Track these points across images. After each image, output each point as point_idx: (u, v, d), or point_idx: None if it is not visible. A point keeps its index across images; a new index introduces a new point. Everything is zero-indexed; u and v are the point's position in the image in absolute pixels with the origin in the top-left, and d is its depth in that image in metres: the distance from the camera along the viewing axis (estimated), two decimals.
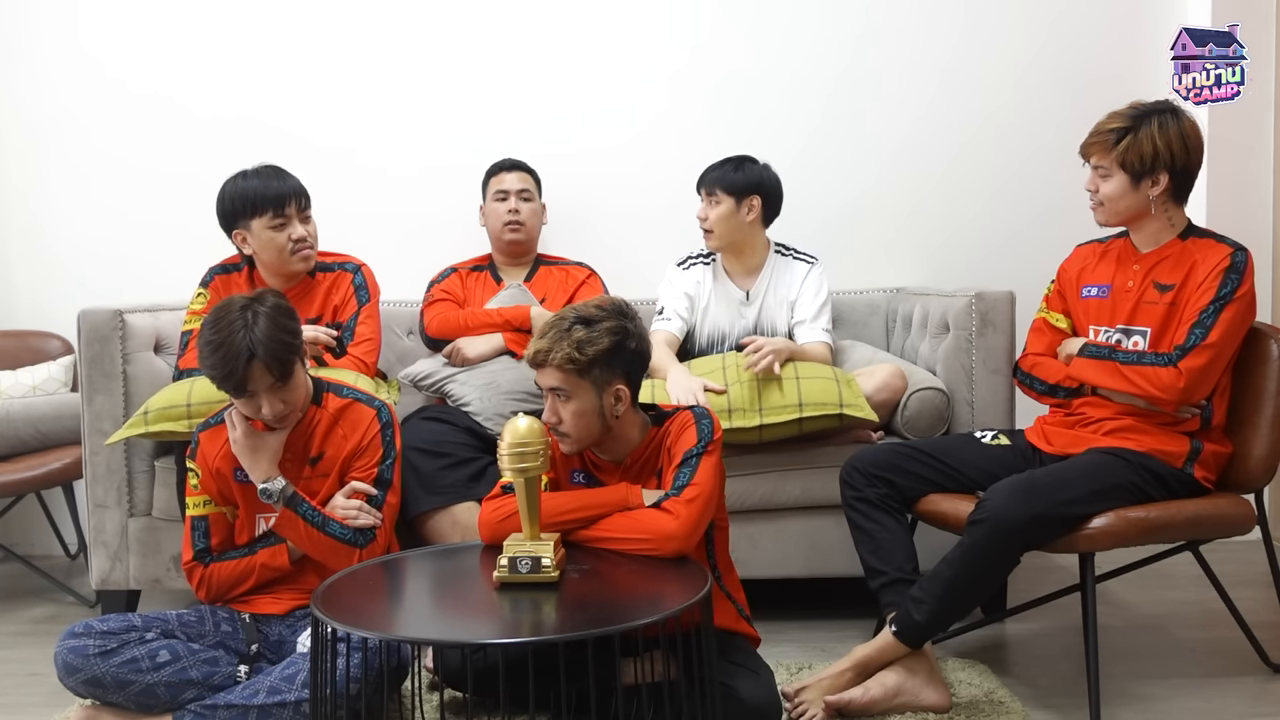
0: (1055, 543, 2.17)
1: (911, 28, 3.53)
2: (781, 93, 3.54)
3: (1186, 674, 2.48)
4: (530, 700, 1.59)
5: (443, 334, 2.99)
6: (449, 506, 2.61)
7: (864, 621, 2.73)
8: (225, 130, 3.50)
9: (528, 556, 1.86)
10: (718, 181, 2.95)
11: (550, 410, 2.05)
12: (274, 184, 2.68)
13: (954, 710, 2.24)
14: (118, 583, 2.82)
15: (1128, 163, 2.29)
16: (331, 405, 2.29)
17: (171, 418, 2.56)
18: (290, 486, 2.18)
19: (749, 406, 2.65)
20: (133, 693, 2.07)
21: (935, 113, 3.54)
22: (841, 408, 2.64)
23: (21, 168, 3.58)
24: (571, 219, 3.45)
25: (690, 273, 3.05)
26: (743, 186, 2.94)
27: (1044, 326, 2.53)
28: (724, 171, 2.97)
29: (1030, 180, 3.54)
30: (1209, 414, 2.31)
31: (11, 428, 3.12)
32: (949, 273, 3.49)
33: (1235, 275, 2.26)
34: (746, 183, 2.95)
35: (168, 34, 3.52)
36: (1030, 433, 2.49)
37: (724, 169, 2.97)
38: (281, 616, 2.26)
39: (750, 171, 2.97)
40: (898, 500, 2.42)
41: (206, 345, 2.10)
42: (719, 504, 2.12)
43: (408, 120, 3.54)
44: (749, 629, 2.22)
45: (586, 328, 2.01)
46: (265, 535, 2.26)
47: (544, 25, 3.53)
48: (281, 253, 2.70)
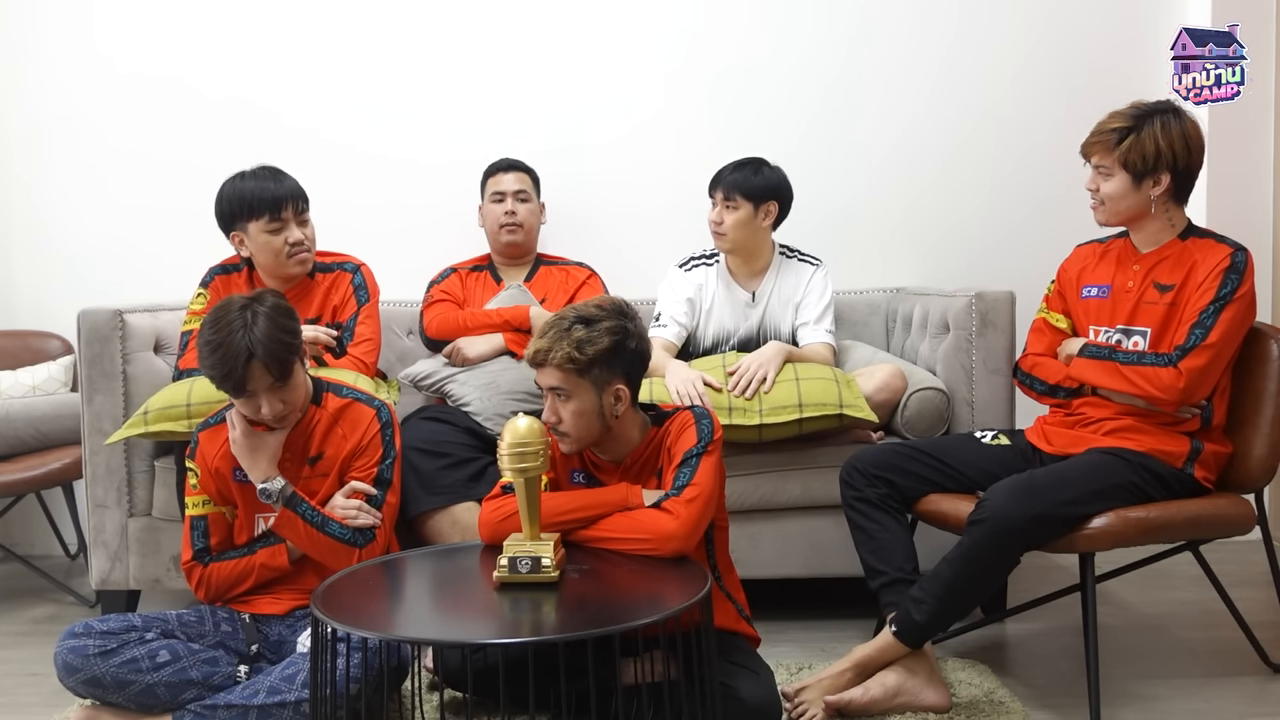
0: (1055, 543, 2.17)
1: (907, 26, 3.53)
2: (778, 89, 3.53)
3: (1186, 674, 2.47)
4: (530, 700, 1.59)
5: (442, 334, 2.99)
6: (449, 506, 2.61)
7: (864, 621, 2.73)
8: (226, 130, 3.50)
9: (528, 556, 1.86)
10: (737, 186, 2.89)
11: (550, 410, 2.05)
12: (270, 187, 2.67)
13: (954, 710, 2.24)
14: (118, 583, 2.82)
15: (1130, 162, 2.29)
16: (331, 405, 2.29)
17: (171, 418, 2.56)
18: (289, 486, 2.17)
19: (749, 406, 2.64)
20: (133, 693, 2.07)
21: (932, 110, 3.54)
22: (841, 408, 2.64)
23: (22, 167, 3.58)
24: (571, 218, 3.45)
25: (692, 275, 3.02)
26: (762, 192, 2.89)
27: (1044, 327, 2.53)
28: (743, 175, 2.90)
29: (1027, 177, 3.54)
30: (1209, 414, 2.31)
31: (11, 428, 3.12)
32: (947, 270, 3.49)
33: (1235, 275, 2.26)
34: (766, 188, 2.90)
35: (172, 31, 3.52)
36: (1030, 433, 2.49)
37: (743, 172, 2.90)
38: (281, 616, 2.26)
39: (769, 176, 2.92)
40: (898, 500, 2.42)
41: (206, 345, 2.10)
42: (719, 504, 2.12)
43: (406, 114, 3.54)
44: (749, 629, 2.22)
45: (586, 327, 2.01)
46: (264, 535, 2.26)
47: (542, 20, 3.53)
48: (278, 256, 2.69)
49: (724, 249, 2.98)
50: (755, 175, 2.90)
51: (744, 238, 2.93)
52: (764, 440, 2.71)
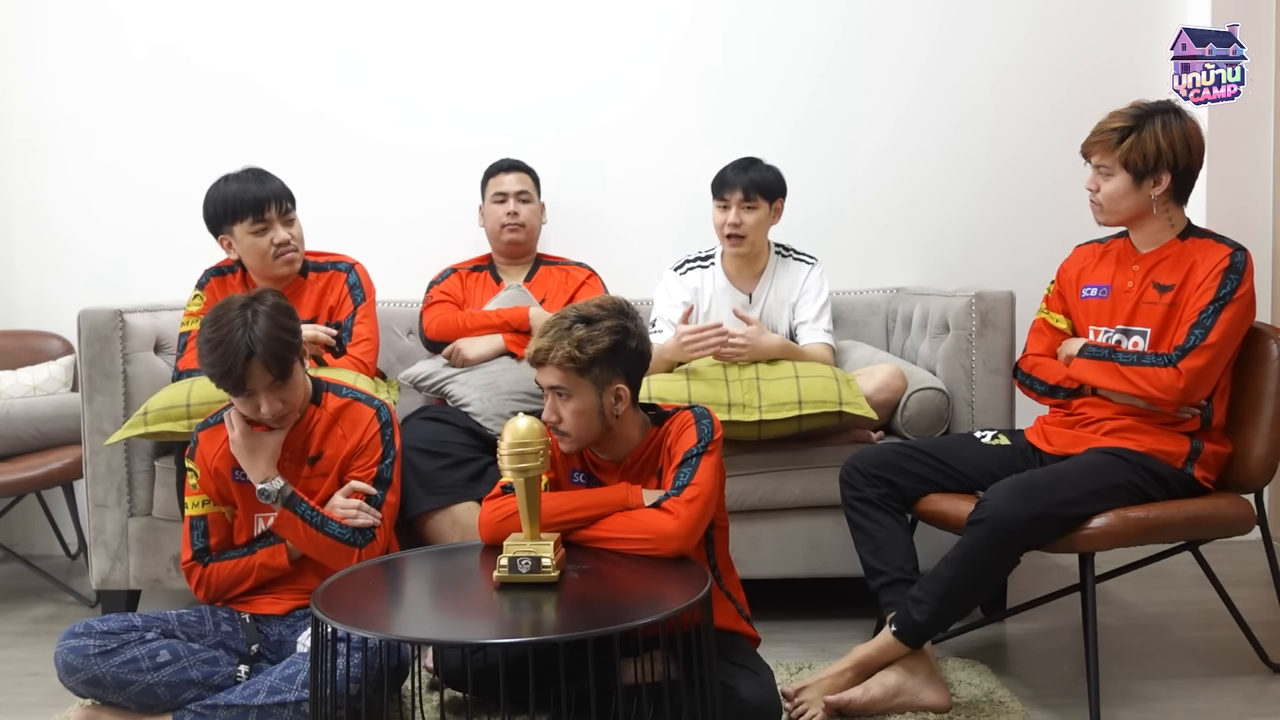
0: (1055, 543, 2.17)
1: (901, 21, 3.53)
2: (764, 88, 3.52)
3: (1186, 674, 2.47)
4: (530, 700, 1.59)
5: (442, 335, 2.99)
6: (449, 506, 2.61)
7: (864, 621, 2.73)
8: (227, 130, 3.49)
9: (528, 556, 1.86)
10: (756, 186, 2.85)
11: (550, 409, 2.05)
12: (253, 188, 2.67)
13: (954, 710, 2.24)
14: (118, 583, 2.82)
15: (1130, 162, 2.28)
16: (331, 405, 2.29)
17: (171, 418, 2.56)
18: (289, 486, 2.17)
19: (749, 402, 2.64)
20: (133, 693, 2.07)
21: (926, 106, 3.54)
22: (841, 405, 2.63)
23: (23, 167, 3.58)
24: (572, 211, 3.44)
25: (687, 278, 3.01)
26: (775, 189, 2.90)
27: (1044, 327, 2.53)
28: (757, 174, 2.87)
29: (1022, 172, 3.54)
30: (1209, 414, 2.31)
31: (11, 428, 3.12)
32: (945, 267, 3.49)
33: (1235, 275, 2.26)
34: (778, 185, 2.91)
35: (169, 40, 3.52)
36: (1030, 433, 2.49)
37: (755, 171, 2.87)
38: (281, 616, 2.26)
39: (775, 173, 2.92)
40: (898, 500, 2.42)
41: (206, 343, 2.10)
42: (719, 504, 2.12)
43: (406, 104, 3.54)
44: (749, 629, 2.22)
45: (587, 326, 2.02)
46: (264, 535, 2.26)
47: (543, 11, 3.52)
48: (264, 257, 2.69)
49: (742, 252, 2.94)
50: (767, 172, 2.90)
51: (761, 237, 2.94)
52: (764, 438, 2.71)
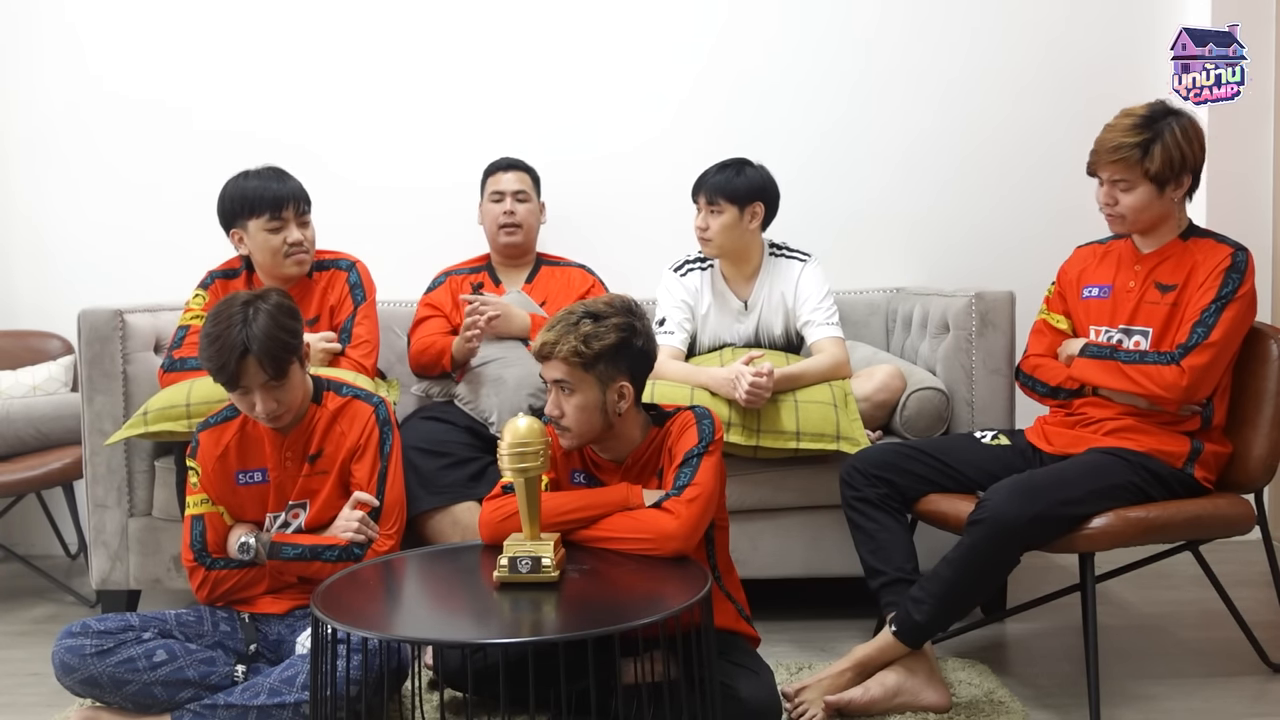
0: (1055, 543, 2.17)
1: (899, 29, 3.54)
2: (764, 88, 3.54)
3: (1186, 674, 2.47)
4: (530, 700, 1.59)
5: (421, 365, 2.94)
6: (449, 506, 2.61)
7: (864, 621, 2.73)
8: (228, 128, 3.50)
9: (528, 556, 1.86)
10: (720, 189, 2.81)
11: (553, 403, 2.05)
12: (273, 186, 2.67)
13: (954, 710, 2.24)
14: (118, 583, 2.82)
15: (1156, 173, 2.26)
16: (331, 403, 2.30)
17: (171, 418, 2.55)
18: (266, 535, 2.18)
19: (748, 424, 2.64)
20: (129, 692, 2.07)
21: (928, 111, 3.55)
22: (839, 439, 2.63)
23: (23, 167, 3.58)
24: (572, 212, 3.43)
25: (687, 280, 2.96)
26: (746, 193, 2.82)
27: (1044, 328, 2.53)
28: (725, 178, 2.83)
29: (1035, 186, 3.55)
30: (1209, 414, 2.31)
31: (11, 428, 3.12)
32: (945, 267, 3.50)
33: (1236, 275, 2.26)
34: (750, 189, 2.82)
35: (169, 39, 3.52)
36: (1030, 433, 2.49)
37: (725, 174, 2.83)
38: (281, 616, 2.25)
39: (751, 177, 2.84)
40: (898, 500, 2.42)
41: (205, 337, 2.11)
42: (719, 504, 2.12)
43: (410, 128, 3.54)
44: (749, 629, 2.22)
45: (594, 322, 2.02)
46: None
47: (552, 32, 3.53)
48: (275, 255, 2.69)
49: (711, 254, 2.92)
50: (738, 177, 2.83)
51: (730, 242, 2.87)
52: (759, 458, 2.70)
